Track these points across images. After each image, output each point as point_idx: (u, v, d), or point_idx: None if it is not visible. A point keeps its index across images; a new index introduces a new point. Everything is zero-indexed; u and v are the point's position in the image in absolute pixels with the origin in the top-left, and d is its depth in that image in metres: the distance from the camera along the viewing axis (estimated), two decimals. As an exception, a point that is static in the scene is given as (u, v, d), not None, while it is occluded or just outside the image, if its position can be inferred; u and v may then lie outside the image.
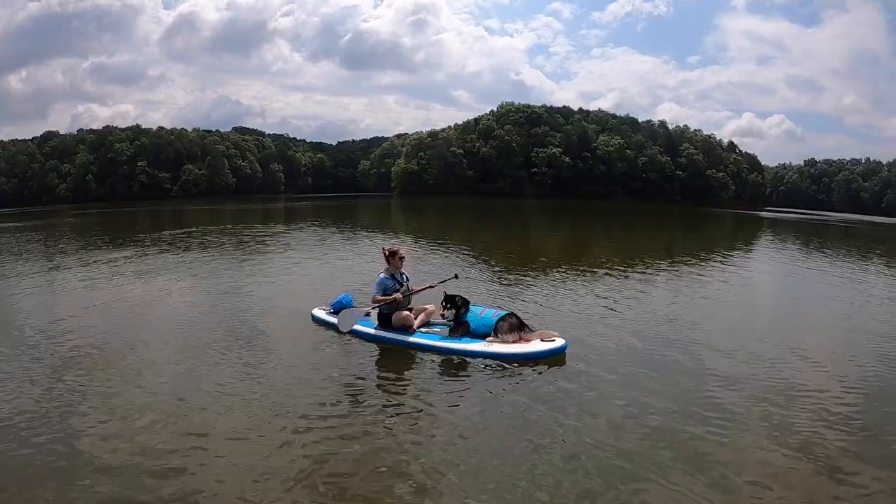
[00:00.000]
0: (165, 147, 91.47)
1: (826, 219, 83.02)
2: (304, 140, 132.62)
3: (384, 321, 8.69)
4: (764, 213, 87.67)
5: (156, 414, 5.80)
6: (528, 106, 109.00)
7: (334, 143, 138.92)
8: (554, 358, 7.63)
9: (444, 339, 8.27)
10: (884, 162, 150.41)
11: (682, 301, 12.61)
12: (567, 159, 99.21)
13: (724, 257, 22.48)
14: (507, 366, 7.46)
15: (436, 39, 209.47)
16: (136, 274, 14.38)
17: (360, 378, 7.15)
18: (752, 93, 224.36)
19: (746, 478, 4.80)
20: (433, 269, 14.08)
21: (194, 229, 28.56)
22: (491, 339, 8.10)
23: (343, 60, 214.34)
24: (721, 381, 7.07)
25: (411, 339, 8.37)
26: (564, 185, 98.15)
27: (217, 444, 5.21)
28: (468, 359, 7.69)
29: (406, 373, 7.47)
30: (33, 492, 4.52)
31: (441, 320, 8.64)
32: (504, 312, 8.48)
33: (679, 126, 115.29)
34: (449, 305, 8.47)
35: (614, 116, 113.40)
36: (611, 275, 15.11)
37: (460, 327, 8.45)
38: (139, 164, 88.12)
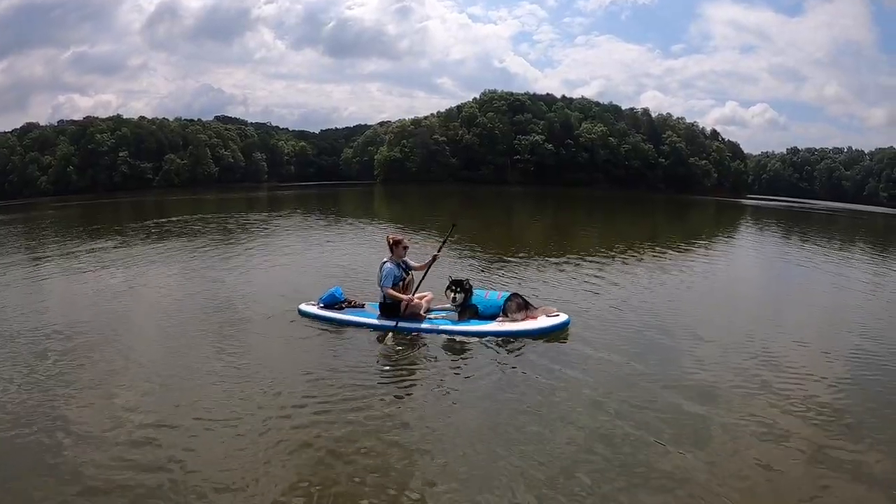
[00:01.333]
0: (147, 137, 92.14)
1: (808, 207, 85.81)
2: (286, 128, 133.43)
3: (390, 310, 8.76)
4: (746, 201, 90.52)
5: (141, 405, 5.95)
6: (511, 93, 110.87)
7: (317, 132, 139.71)
8: (560, 332, 8.39)
9: (456, 322, 8.61)
10: (865, 151, 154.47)
11: (665, 283, 13.47)
12: (550, 147, 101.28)
13: (708, 244, 23.81)
14: (520, 343, 8.03)
15: (420, 27, 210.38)
16: (118, 265, 14.42)
17: (379, 366, 7.37)
18: (736, 81, 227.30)
19: (735, 458, 5.13)
20: (418, 255, 14.88)
21: (177, 219, 29.02)
22: (501, 318, 8.60)
23: (326, 48, 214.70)
24: (702, 359, 7.68)
25: (424, 325, 8.56)
26: (547, 173, 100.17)
27: (208, 437, 5.33)
28: (479, 339, 8.14)
29: (418, 359, 7.67)
30: (14, 482, 4.67)
31: (440, 306, 9.02)
32: (508, 293, 9.00)
33: (662, 114, 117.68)
34: (458, 289, 8.77)
35: (597, 104, 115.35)
36: (595, 259, 15.81)
37: (468, 310, 8.80)
38: (120, 154, 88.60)
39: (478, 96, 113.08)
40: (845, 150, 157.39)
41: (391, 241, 9.09)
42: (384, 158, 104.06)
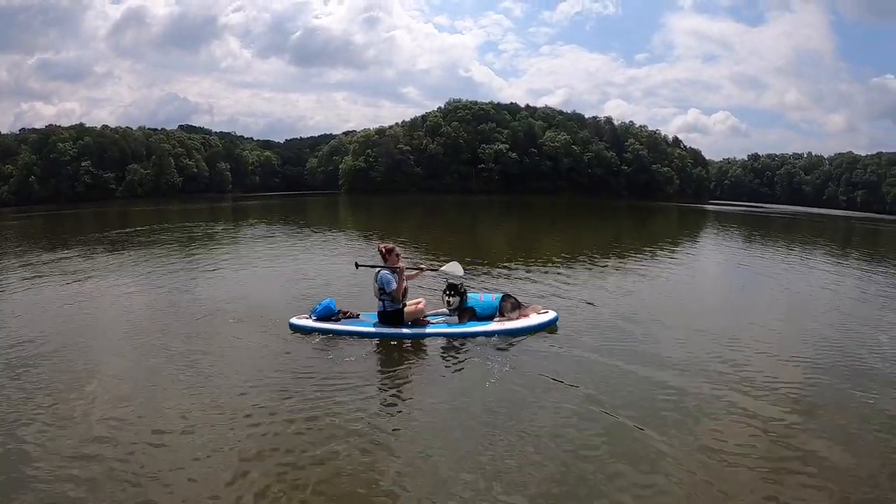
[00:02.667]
0: (110, 146, 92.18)
1: (769, 211, 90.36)
2: (251, 138, 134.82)
3: (391, 318, 9.06)
4: (709, 207, 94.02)
5: (108, 417, 5.94)
6: (476, 102, 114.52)
7: (282, 141, 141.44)
8: (551, 327, 9.29)
9: (456, 325, 9.16)
10: (825, 156, 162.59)
11: (631, 285, 14.38)
12: (514, 155, 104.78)
13: (673, 248, 25.52)
14: (517, 340, 8.76)
15: (387, 36, 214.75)
16: (81, 277, 14.36)
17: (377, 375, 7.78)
18: (698, 90, 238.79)
19: (705, 450, 5.47)
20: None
21: (140, 230, 29.08)
22: (499, 318, 9.29)
23: (293, 57, 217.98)
24: (675, 356, 8.20)
25: (429, 329, 9.02)
26: (511, 181, 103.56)
27: (171, 447, 5.39)
28: (480, 339, 8.78)
29: (407, 364, 8.07)
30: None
31: (434, 311, 9.58)
32: (500, 295, 9.70)
33: (625, 122, 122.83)
34: (453, 293, 9.31)
35: (561, 113, 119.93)
36: (561, 264, 16.76)
37: (466, 313, 9.38)
38: (83, 164, 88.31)
39: (442, 105, 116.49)
40: (805, 155, 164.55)
41: (384, 250, 9.30)
42: (349, 168, 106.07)
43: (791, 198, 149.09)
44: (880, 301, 14.24)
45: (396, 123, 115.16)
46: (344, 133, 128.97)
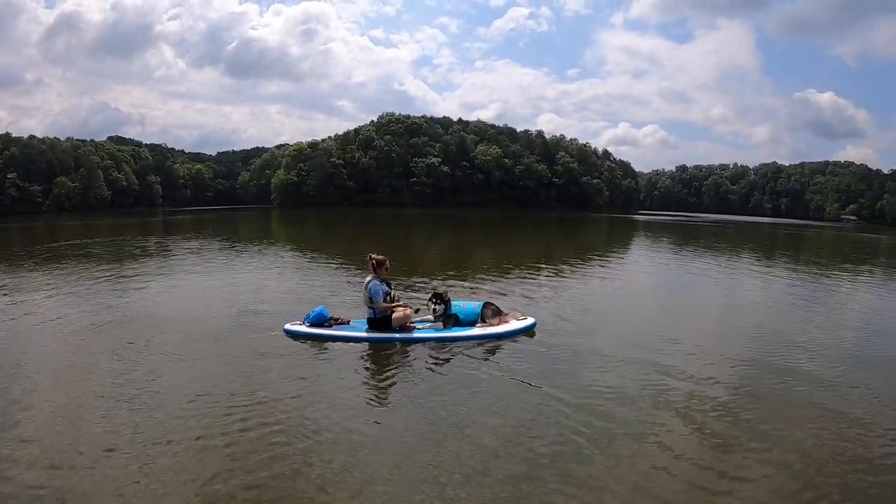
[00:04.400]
0: (37, 158, 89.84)
1: (697, 220, 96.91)
2: (182, 150, 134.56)
3: (380, 325, 9.77)
4: (638, 217, 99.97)
5: (35, 438, 5.86)
6: (408, 116, 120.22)
7: (214, 154, 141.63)
8: (528, 332, 10.13)
9: (441, 330, 9.98)
10: (750, 166, 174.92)
11: (555, 294, 14.84)
12: (446, 169, 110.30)
13: (606, 257, 27.41)
14: (496, 343, 9.61)
15: (323, 49, 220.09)
16: (10, 293, 13.88)
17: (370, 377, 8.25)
18: (628, 104, 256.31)
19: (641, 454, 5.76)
20: (320, 282, 15.90)
21: (71, 243, 29.24)
22: (481, 324, 10.11)
23: (227, 68, 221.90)
24: (617, 361, 8.76)
25: (416, 335, 9.78)
26: (443, 194, 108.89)
27: (109, 464, 5.34)
28: (462, 344, 9.47)
29: (393, 367, 8.56)
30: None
31: (420, 318, 10.33)
32: (481, 302, 10.61)
33: (555, 136, 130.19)
34: (438, 301, 10.17)
35: (493, 126, 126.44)
36: (495, 276, 17.39)
37: (450, 319, 10.18)
38: (9, 176, 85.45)
39: (375, 119, 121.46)
40: (731, 166, 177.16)
41: (375, 261, 9.99)
42: (281, 182, 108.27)
43: (718, 207, 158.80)
44: (804, 301, 15.93)
45: (329, 137, 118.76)
46: (277, 146, 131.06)
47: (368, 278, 9.88)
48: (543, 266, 20.53)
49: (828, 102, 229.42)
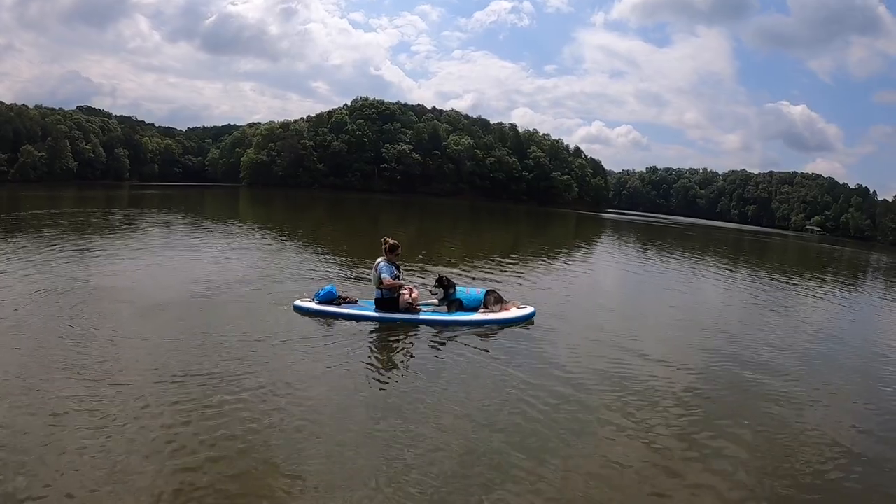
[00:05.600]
0: (3, 125, 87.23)
1: (664, 221, 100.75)
2: (153, 124, 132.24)
3: (387, 305, 10.26)
4: (606, 215, 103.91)
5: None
6: (382, 102, 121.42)
7: (184, 130, 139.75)
8: (528, 321, 10.69)
9: (445, 314, 10.57)
10: (720, 172, 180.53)
11: (516, 286, 14.96)
12: (417, 156, 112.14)
13: (573, 252, 28.68)
14: (496, 329, 10.13)
15: (302, 29, 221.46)
16: None
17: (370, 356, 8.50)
18: (603, 103, 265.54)
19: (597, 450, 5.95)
20: (285, 265, 15.74)
21: (36, 214, 28.39)
22: (483, 310, 10.68)
23: (203, 43, 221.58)
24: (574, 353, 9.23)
25: (422, 317, 10.33)
26: (413, 182, 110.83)
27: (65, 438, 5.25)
28: (466, 328, 10.05)
29: (395, 345, 9.11)
30: None
31: (426, 301, 10.80)
32: (484, 290, 11.24)
33: (528, 130, 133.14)
34: (438, 285, 10.82)
35: (466, 117, 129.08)
36: (464, 265, 17.68)
37: (453, 304, 10.77)
38: None
39: (349, 103, 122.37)
40: (701, 170, 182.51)
41: (388, 244, 10.53)
42: (250, 161, 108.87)
43: (686, 210, 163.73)
44: (764, 306, 16.73)
45: (302, 118, 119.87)
46: (249, 125, 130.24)
47: (379, 260, 10.34)
48: (507, 260, 20.66)
49: (800, 115, 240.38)
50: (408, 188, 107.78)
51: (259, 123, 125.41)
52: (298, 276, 13.84)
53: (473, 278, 15.00)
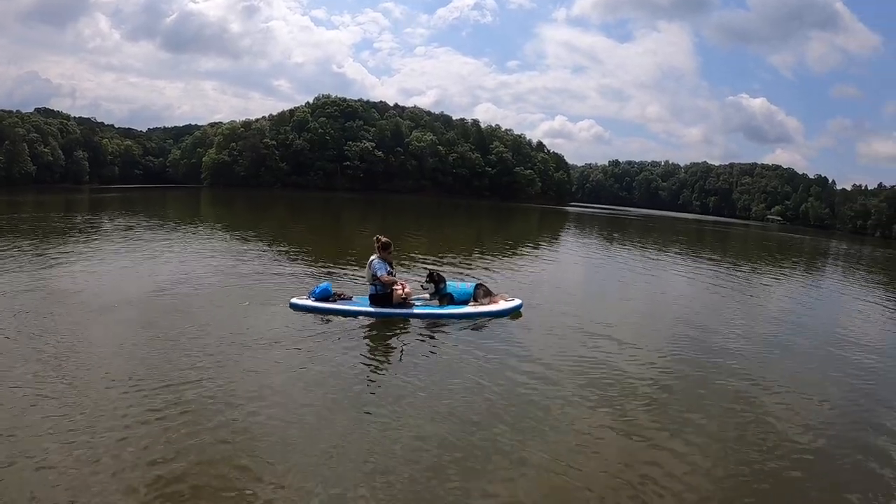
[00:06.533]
0: None
1: (627, 213, 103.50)
2: (112, 125, 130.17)
3: (381, 301, 10.72)
4: (569, 209, 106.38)
5: None
6: (344, 99, 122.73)
7: (144, 130, 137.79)
8: (516, 313, 11.32)
9: (438, 307, 11.13)
10: (681, 165, 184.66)
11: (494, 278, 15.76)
12: (380, 154, 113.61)
13: (536, 245, 29.52)
14: (485, 320, 10.67)
15: (264, 27, 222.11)
16: None
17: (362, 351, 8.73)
18: (566, 98, 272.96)
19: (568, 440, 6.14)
20: (247, 266, 15.42)
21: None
22: (473, 304, 11.29)
23: (164, 41, 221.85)
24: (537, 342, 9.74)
25: (415, 311, 10.82)
26: (376, 179, 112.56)
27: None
28: (457, 319, 10.59)
29: (391, 338, 9.47)
30: None
31: (418, 295, 11.40)
32: (474, 283, 11.88)
33: (491, 125, 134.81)
34: (429, 280, 11.40)
35: (429, 113, 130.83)
36: (431, 262, 17.68)
37: (445, 297, 11.35)
38: None
39: (311, 101, 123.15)
40: (663, 163, 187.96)
41: (381, 242, 10.98)
42: (212, 161, 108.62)
43: (649, 202, 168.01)
44: (726, 292, 17.67)
45: (264, 117, 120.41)
46: (210, 125, 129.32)
47: (373, 257, 10.77)
48: (474, 255, 21.52)
49: (760, 108, 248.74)
50: (371, 186, 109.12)
51: (221, 123, 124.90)
52: (268, 275, 14.02)
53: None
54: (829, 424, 7.12)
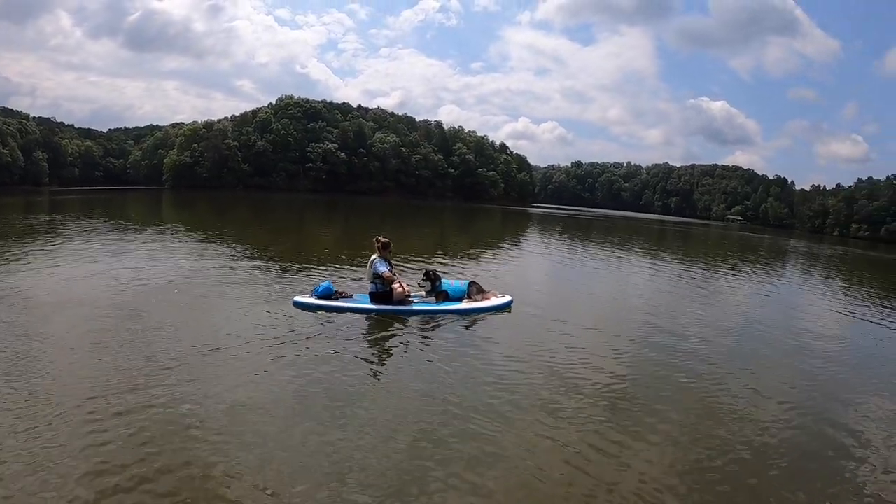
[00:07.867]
0: None
1: (589, 214, 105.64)
2: (72, 125, 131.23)
3: (382, 299, 11.35)
4: (531, 209, 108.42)
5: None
6: (307, 100, 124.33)
7: (105, 131, 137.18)
8: (507, 308, 12.09)
9: (435, 304, 11.80)
10: (643, 166, 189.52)
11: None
12: (342, 155, 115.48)
13: (494, 247, 29.70)
14: (479, 316, 11.39)
15: (228, 26, 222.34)
16: None
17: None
18: (529, 100, 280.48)
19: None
20: (209, 268, 15.30)
21: None
22: (467, 300, 12.01)
23: (127, 40, 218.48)
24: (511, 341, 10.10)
25: (414, 307, 11.49)
26: (339, 181, 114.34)
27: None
28: (453, 315, 11.25)
29: (391, 334, 9.90)
30: None
31: (416, 293, 12.08)
32: (467, 281, 12.61)
33: (454, 127, 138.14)
34: (426, 278, 12.16)
35: (392, 115, 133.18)
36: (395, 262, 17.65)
37: (440, 295, 12.07)
38: None
39: (274, 101, 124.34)
40: (625, 164, 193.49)
41: (381, 243, 11.66)
42: (173, 162, 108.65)
43: (611, 202, 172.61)
44: (691, 292, 18.11)
45: (226, 117, 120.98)
46: (172, 125, 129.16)
47: (373, 257, 11.46)
48: (435, 256, 21.49)
49: (720, 110, 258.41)
50: (334, 187, 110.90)
51: (182, 124, 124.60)
52: (246, 276, 14.35)
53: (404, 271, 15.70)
54: (786, 421, 7.41)
